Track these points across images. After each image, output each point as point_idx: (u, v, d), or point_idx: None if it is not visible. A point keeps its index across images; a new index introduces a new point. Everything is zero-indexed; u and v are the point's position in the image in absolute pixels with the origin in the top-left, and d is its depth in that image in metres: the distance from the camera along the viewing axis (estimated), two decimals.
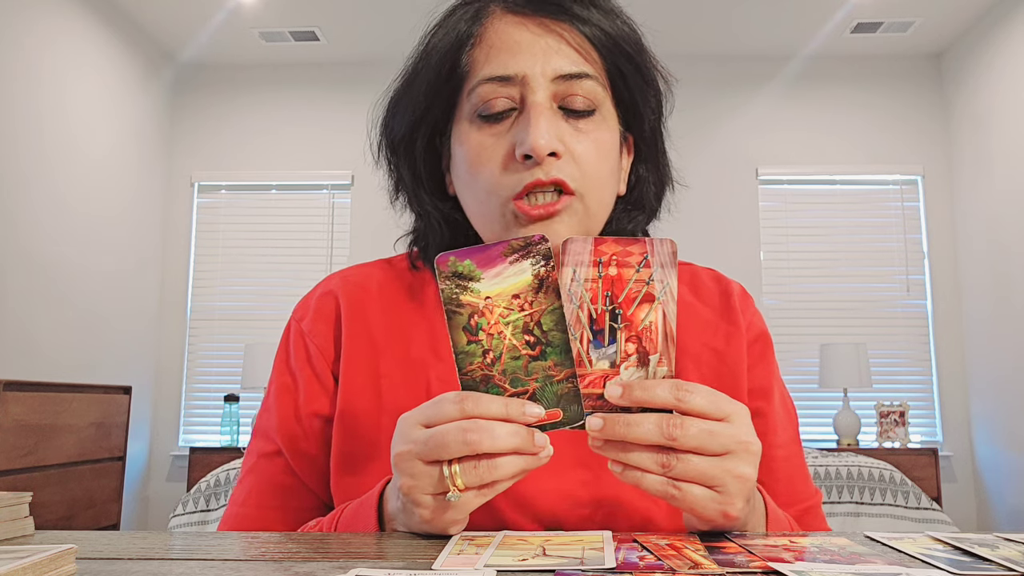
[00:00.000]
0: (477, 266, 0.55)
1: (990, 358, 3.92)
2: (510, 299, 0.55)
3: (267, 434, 0.77)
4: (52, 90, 3.46)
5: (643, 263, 0.55)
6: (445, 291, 0.55)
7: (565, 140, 0.69)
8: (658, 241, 0.56)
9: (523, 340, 0.55)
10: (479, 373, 0.55)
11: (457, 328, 0.55)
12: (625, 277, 0.55)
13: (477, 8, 0.73)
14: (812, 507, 0.79)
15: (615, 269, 0.55)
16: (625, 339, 0.55)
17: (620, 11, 0.74)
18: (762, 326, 0.82)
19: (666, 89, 0.77)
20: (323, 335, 0.77)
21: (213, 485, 2.54)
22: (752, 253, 4.28)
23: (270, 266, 4.37)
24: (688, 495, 0.54)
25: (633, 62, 0.72)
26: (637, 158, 0.79)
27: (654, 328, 0.55)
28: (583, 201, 0.70)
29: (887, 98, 4.36)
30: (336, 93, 4.43)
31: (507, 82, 0.69)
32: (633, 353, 0.56)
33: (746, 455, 0.56)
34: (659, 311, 0.55)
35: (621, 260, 0.55)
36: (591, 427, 0.55)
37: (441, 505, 0.55)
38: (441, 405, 0.55)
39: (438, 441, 0.53)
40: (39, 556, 0.41)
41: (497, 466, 0.53)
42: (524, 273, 0.55)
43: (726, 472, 0.55)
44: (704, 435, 0.54)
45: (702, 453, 0.54)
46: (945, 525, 2.53)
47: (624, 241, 0.56)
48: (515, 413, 0.54)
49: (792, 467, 0.79)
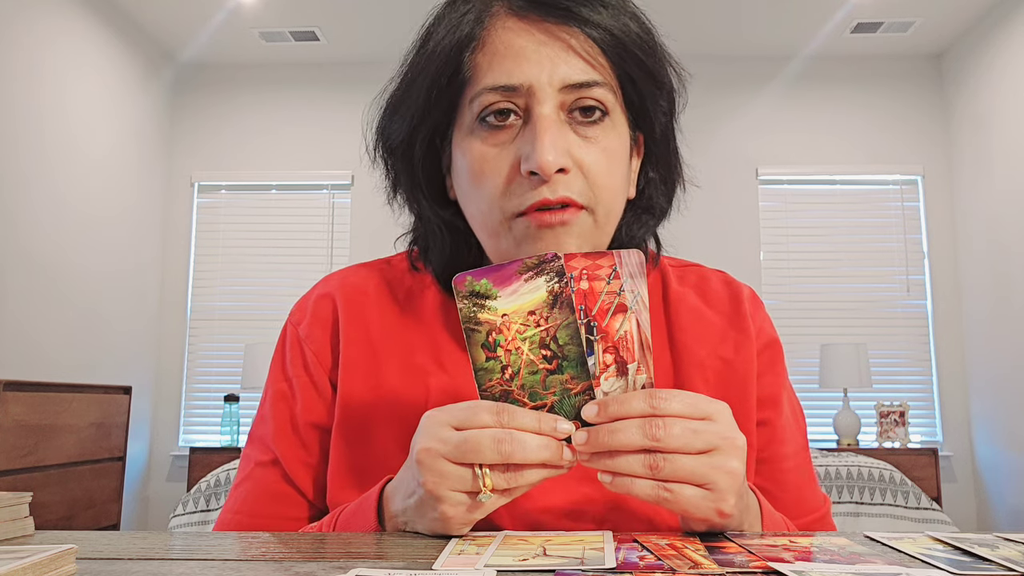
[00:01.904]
0: (493, 285, 0.56)
1: (990, 358, 3.92)
2: (526, 315, 0.56)
3: (263, 442, 0.76)
4: (52, 90, 3.46)
5: (612, 275, 0.56)
6: (463, 310, 0.56)
7: (573, 151, 0.66)
8: (625, 253, 0.57)
9: (540, 355, 0.56)
10: (498, 388, 0.57)
11: (476, 345, 0.57)
12: (597, 290, 0.56)
13: (479, 9, 0.69)
14: (822, 516, 0.78)
15: (586, 283, 0.57)
16: (603, 350, 0.57)
17: (632, 8, 0.70)
18: (772, 333, 0.81)
19: (679, 85, 0.73)
20: (320, 341, 0.76)
21: (213, 485, 2.54)
22: (752, 253, 4.28)
23: (270, 266, 4.37)
24: (680, 496, 0.55)
25: (644, 66, 0.69)
26: (646, 159, 0.76)
27: (630, 337, 0.57)
28: (593, 215, 0.67)
29: (887, 98, 4.36)
30: (336, 93, 4.43)
31: (512, 92, 0.66)
32: (612, 363, 0.57)
33: (732, 450, 0.56)
34: (633, 320, 0.57)
35: (591, 274, 0.56)
36: (577, 441, 0.56)
37: (466, 504, 0.56)
38: (476, 411, 0.56)
39: (472, 446, 0.54)
40: (39, 556, 0.41)
41: (524, 474, 0.55)
42: (539, 290, 0.56)
43: (714, 469, 0.55)
44: (688, 433, 0.54)
45: (687, 452, 0.55)
46: (945, 525, 2.53)
47: (592, 255, 0.57)
48: (547, 428, 0.55)
49: (801, 477, 0.78)
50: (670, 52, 0.73)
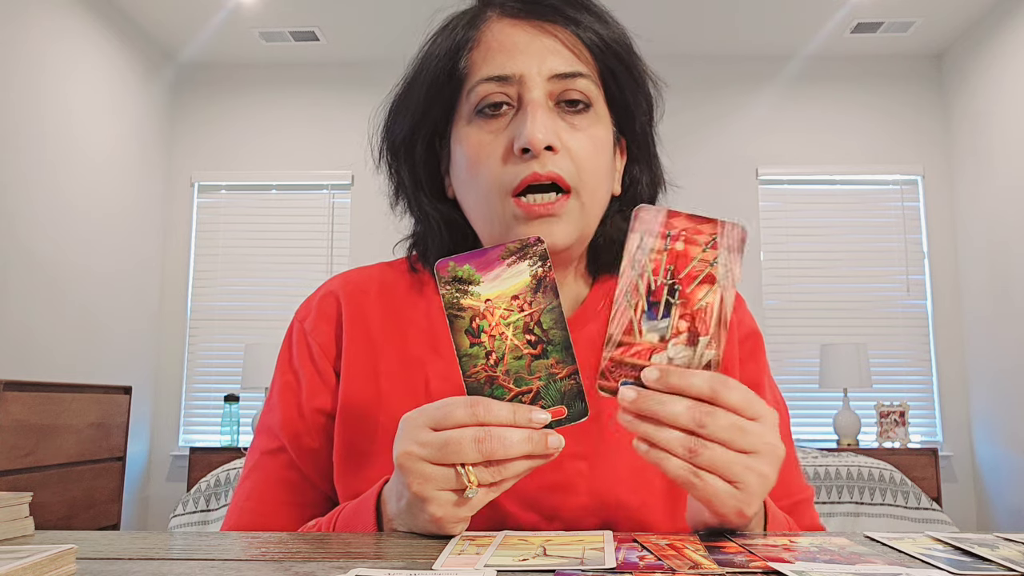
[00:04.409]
0: (476, 270, 0.56)
1: (990, 358, 3.92)
2: (510, 300, 0.56)
3: (271, 431, 0.78)
4: (52, 90, 3.46)
5: (711, 244, 0.55)
6: (446, 296, 0.56)
7: (561, 136, 0.70)
8: (730, 225, 0.55)
9: (524, 340, 0.56)
10: (483, 374, 0.56)
11: (459, 331, 0.56)
12: (691, 254, 0.55)
13: (474, 14, 0.76)
14: (804, 500, 0.80)
15: (682, 244, 0.55)
16: (679, 316, 0.55)
17: (610, 16, 0.77)
18: (752, 325, 0.84)
19: (656, 94, 0.79)
20: (325, 333, 0.79)
21: (213, 485, 2.54)
22: (752, 253, 4.27)
23: (270, 266, 4.37)
24: (709, 486, 0.54)
25: (624, 64, 0.75)
26: (630, 160, 0.81)
27: (709, 310, 0.55)
28: (579, 198, 0.71)
29: (887, 98, 4.36)
30: (336, 93, 4.43)
31: (505, 82, 0.71)
32: (685, 331, 0.55)
33: (771, 457, 0.56)
34: (718, 294, 0.55)
35: (689, 237, 0.55)
36: (624, 398, 0.55)
37: (453, 502, 0.56)
38: (451, 409, 0.56)
39: (453, 448, 0.54)
40: (39, 556, 0.41)
41: (509, 467, 0.55)
42: (522, 274, 0.56)
43: (749, 470, 0.55)
44: (734, 430, 0.54)
45: (728, 447, 0.54)
46: (945, 525, 2.53)
47: (696, 219, 0.55)
48: (522, 420, 0.55)
49: (784, 462, 0.79)
50: (647, 62, 0.79)
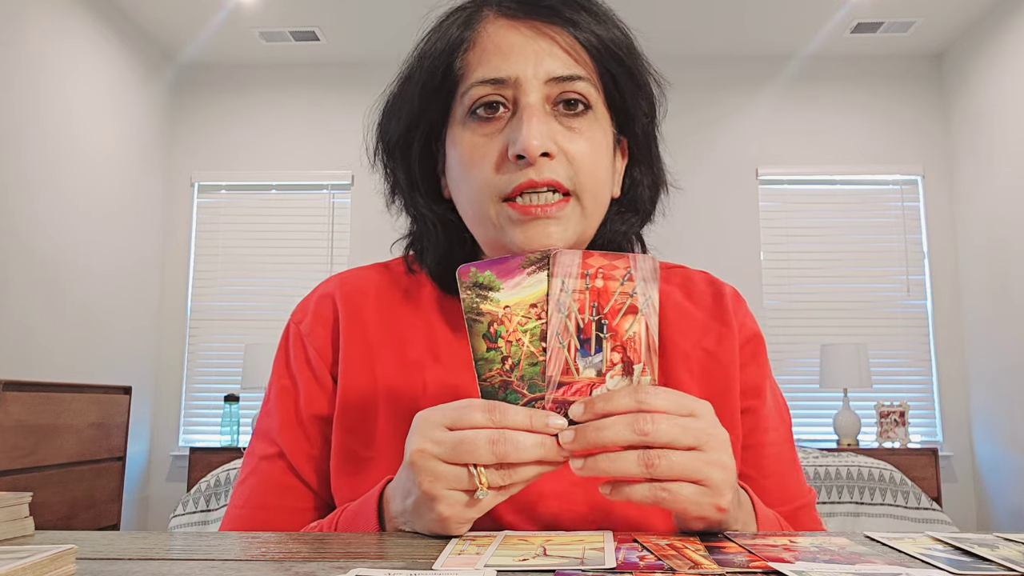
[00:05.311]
0: (497, 277, 0.57)
1: (990, 358, 3.92)
2: (528, 308, 0.57)
3: (268, 436, 0.78)
4: (53, 90, 3.46)
5: (627, 277, 0.57)
6: (466, 300, 0.57)
7: (558, 140, 0.69)
8: (641, 257, 0.58)
9: (540, 347, 0.57)
10: (498, 379, 0.57)
11: (477, 336, 0.57)
12: (611, 289, 0.57)
13: (470, 13, 0.74)
14: (805, 505, 0.80)
15: (601, 281, 0.57)
16: (611, 348, 0.57)
17: (611, 15, 0.75)
18: (754, 327, 0.83)
19: (659, 93, 0.77)
20: (321, 337, 0.78)
21: (213, 485, 2.54)
22: (752, 253, 4.28)
23: (270, 266, 4.37)
24: (678, 495, 0.55)
25: (624, 65, 0.73)
26: (631, 161, 0.79)
27: (638, 339, 0.57)
28: (580, 201, 0.70)
29: (887, 98, 4.36)
30: (336, 93, 4.43)
31: (500, 84, 0.70)
32: (619, 362, 0.57)
33: (718, 444, 0.57)
34: (642, 323, 0.57)
35: (607, 273, 0.57)
36: (564, 440, 0.56)
37: (463, 502, 0.56)
38: (468, 411, 0.56)
39: (468, 447, 0.55)
40: (39, 556, 0.41)
41: (520, 471, 0.56)
42: (541, 284, 0.57)
43: (706, 464, 0.56)
44: (675, 428, 0.55)
45: (676, 448, 0.55)
46: (945, 525, 2.53)
47: (610, 256, 0.57)
48: (539, 425, 0.56)
49: (783, 465, 0.80)
50: (650, 60, 0.77)
